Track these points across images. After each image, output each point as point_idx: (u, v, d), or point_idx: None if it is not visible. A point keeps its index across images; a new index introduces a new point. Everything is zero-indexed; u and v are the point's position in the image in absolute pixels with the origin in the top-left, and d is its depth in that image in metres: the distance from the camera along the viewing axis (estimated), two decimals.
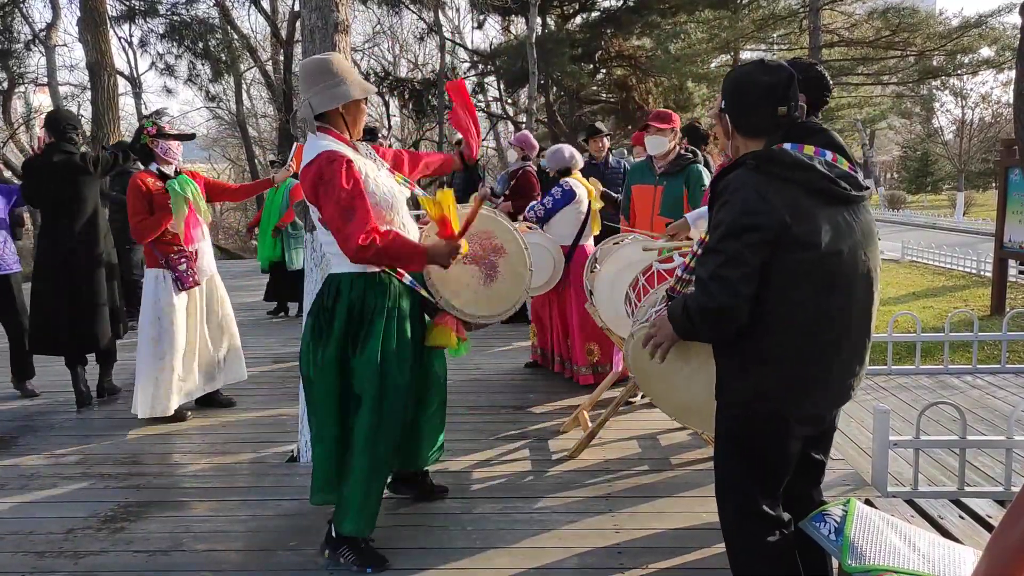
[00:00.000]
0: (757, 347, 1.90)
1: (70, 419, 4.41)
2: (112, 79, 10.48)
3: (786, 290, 1.84)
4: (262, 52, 21.62)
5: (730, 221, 1.84)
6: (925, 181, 40.81)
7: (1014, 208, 7.74)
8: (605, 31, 20.15)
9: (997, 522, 2.26)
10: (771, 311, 1.86)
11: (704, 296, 1.86)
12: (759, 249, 1.81)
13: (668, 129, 4.35)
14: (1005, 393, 4.79)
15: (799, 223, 1.80)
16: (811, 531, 2.01)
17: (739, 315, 1.84)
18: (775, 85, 1.90)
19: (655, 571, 2.66)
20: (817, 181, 1.83)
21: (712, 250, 1.87)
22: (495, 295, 2.99)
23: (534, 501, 3.21)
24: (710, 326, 1.89)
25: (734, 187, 1.86)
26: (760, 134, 1.96)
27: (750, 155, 1.89)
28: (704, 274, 1.87)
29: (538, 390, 4.82)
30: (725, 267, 1.83)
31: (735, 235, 1.82)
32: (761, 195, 1.81)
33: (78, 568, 2.72)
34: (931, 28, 17.90)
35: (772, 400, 1.93)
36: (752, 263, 1.81)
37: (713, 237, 1.89)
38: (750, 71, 1.97)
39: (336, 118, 2.61)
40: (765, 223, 1.80)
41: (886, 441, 3.22)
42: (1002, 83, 30.45)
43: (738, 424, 2.01)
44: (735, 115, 2.00)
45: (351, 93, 2.58)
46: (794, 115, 1.93)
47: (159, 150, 4.18)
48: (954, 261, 12.20)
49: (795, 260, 1.82)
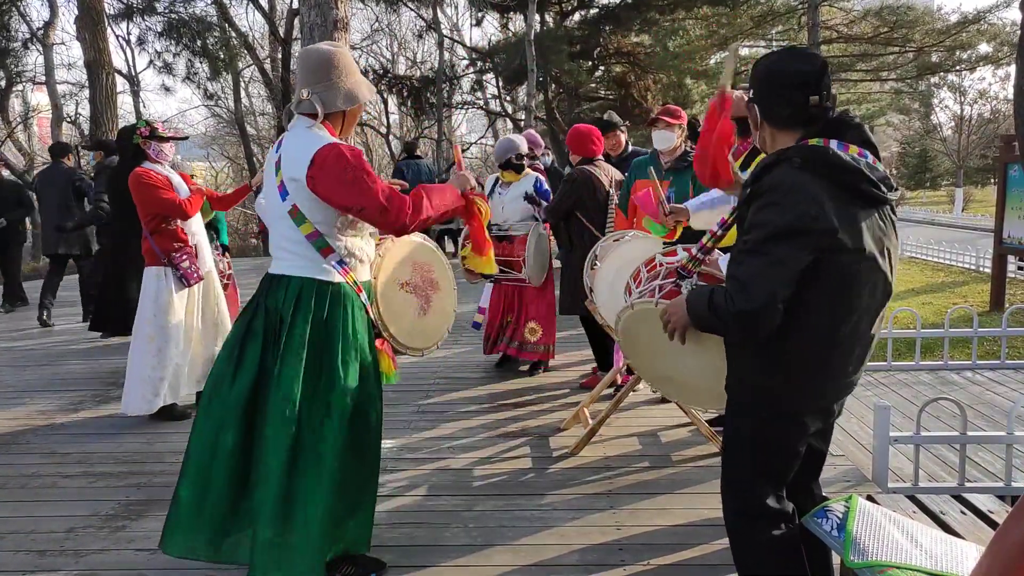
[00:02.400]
0: (779, 348, 1.86)
1: (71, 419, 4.41)
2: (110, 77, 10.49)
3: (824, 293, 1.80)
4: (260, 50, 21.58)
5: (781, 223, 1.75)
6: (924, 177, 40.84)
7: (1013, 204, 7.74)
8: (603, 28, 20.11)
9: (999, 517, 2.27)
10: (804, 313, 1.81)
11: (743, 298, 1.77)
12: (808, 252, 1.75)
13: (676, 125, 4.34)
14: (1005, 389, 4.79)
15: (845, 227, 1.76)
16: (813, 527, 2.01)
17: (775, 319, 1.78)
18: (808, 74, 1.84)
19: (656, 567, 2.66)
20: (862, 184, 1.78)
21: (755, 251, 1.79)
22: (424, 329, 2.93)
23: (535, 498, 3.21)
24: (744, 328, 1.82)
25: (786, 188, 1.77)
26: (791, 125, 1.89)
27: (794, 151, 1.82)
28: (745, 276, 1.79)
29: (538, 388, 4.82)
30: (770, 270, 1.75)
31: (786, 238, 1.75)
32: (814, 198, 1.74)
33: (79, 567, 2.72)
34: (929, 24, 17.89)
35: (790, 399, 1.92)
36: (796, 268, 1.75)
37: (756, 236, 1.79)
38: (781, 58, 1.91)
39: (337, 116, 2.51)
40: (817, 228, 1.73)
41: (887, 437, 3.23)
42: (1000, 79, 30.47)
43: (752, 421, 1.98)
44: (765, 105, 1.92)
45: (364, 95, 2.50)
46: (826, 105, 1.86)
47: (151, 151, 4.18)
48: (953, 257, 12.22)
49: (838, 263, 1.77)
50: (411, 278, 2.88)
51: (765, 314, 1.77)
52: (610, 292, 3.53)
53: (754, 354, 1.93)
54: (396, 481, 3.40)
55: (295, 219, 2.39)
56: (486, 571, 2.65)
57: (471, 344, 6.13)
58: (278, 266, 2.46)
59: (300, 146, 2.36)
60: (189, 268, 4.13)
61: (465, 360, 5.63)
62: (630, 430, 4.00)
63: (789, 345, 1.86)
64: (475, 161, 32.44)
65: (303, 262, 2.42)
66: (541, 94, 20.28)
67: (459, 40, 26.63)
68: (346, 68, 2.47)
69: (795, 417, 1.94)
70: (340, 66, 2.45)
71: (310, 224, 2.38)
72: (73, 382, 5.21)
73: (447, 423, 4.19)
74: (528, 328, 5.02)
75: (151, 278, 4.16)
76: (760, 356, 1.92)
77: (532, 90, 17.26)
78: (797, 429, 1.96)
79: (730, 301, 1.80)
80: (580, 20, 21.27)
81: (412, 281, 2.86)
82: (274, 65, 19.76)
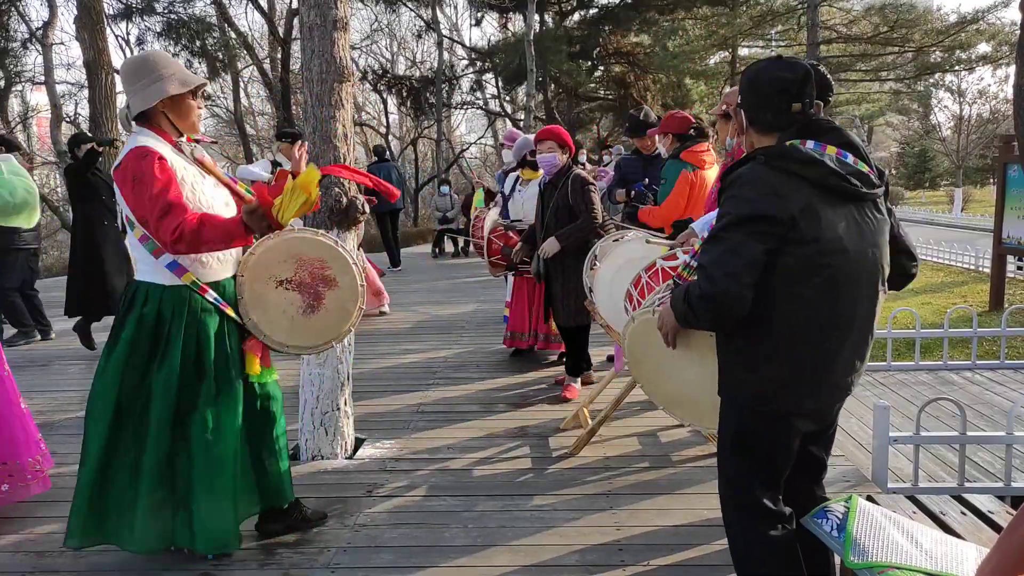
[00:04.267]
0: (762, 344, 1.90)
1: (70, 418, 4.40)
2: (109, 77, 10.46)
3: (792, 287, 1.84)
4: (259, 50, 21.60)
5: (735, 211, 1.84)
6: (923, 177, 40.88)
7: (1012, 204, 7.75)
8: (603, 28, 20.14)
9: (998, 518, 2.27)
10: (777, 308, 1.86)
11: (705, 282, 1.85)
12: (764, 239, 1.81)
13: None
14: (1004, 389, 4.79)
15: (807, 219, 1.81)
16: (813, 527, 2.01)
17: (740, 304, 1.83)
18: (790, 81, 1.90)
19: (656, 568, 2.65)
20: (827, 177, 1.83)
21: (715, 238, 1.87)
22: (312, 327, 2.82)
23: (534, 499, 3.21)
24: (710, 313, 1.88)
25: (744, 180, 1.87)
26: (774, 130, 1.95)
27: (760, 150, 1.90)
28: (706, 261, 1.87)
29: (538, 388, 4.82)
30: (727, 254, 1.83)
31: (740, 224, 1.82)
32: (771, 188, 1.82)
33: (79, 567, 2.71)
34: (928, 24, 17.91)
35: (776, 397, 1.93)
36: (755, 253, 1.81)
37: (717, 226, 1.89)
38: (766, 67, 1.97)
39: (158, 116, 2.51)
40: (772, 214, 1.80)
41: (886, 437, 3.23)
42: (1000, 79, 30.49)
43: (741, 420, 2.01)
44: (750, 110, 2.00)
45: (166, 89, 2.46)
46: (808, 112, 1.92)
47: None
48: (952, 257, 12.22)
49: (801, 256, 1.82)
50: (294, 275, 2.75)
51: (728, 297, 1.82)
52: (610, 291, 3.53)
53: (736, 351, 1.97)
54: (396, 481, 3.40)
55: (129, 224, 2.51)
56: (486, 571, 2.65)
57: (471, 344, 6.13)
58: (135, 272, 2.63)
59: (120, 154, 2.48)
60: None
61: (465, 360, 5.63)
62: (630, 430, 4.00)
63: (766, 342, 1.90)
64: (474, 161, 32.41)
65: (141, 266, 2.56)
66: (540, 94, 20.29)
67: (458, 40, 26.66)
68: (156, 66, 2.49)
69: (782, 415, 1.96)
70: (147, 67, 2.49)
71: (139, 228, 2.47)
72: (72, 382, 5.20)
73: (447, 423, 4.19)
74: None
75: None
76: (741, 353, 1.95)
77: (531, 90, 17.28)
78: (785, 427, 1.97)
79: (696, 287, 1.89)
80: (579, 20, 21.30)
81: (295, 278, 2.75)
82: (273, 65, 19.77)
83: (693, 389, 2.35)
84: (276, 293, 2.71)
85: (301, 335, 2.79)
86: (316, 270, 2.78)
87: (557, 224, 4.45)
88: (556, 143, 4.50)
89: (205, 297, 2.54)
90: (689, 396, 2.39)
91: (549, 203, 4.53)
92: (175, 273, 2.50)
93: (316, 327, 2.81)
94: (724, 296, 1.82)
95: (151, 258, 2.49)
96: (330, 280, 2.81)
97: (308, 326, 2.80)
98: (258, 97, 27.65)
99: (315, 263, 2.78)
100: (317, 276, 2.79)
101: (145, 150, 2.41)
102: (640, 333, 2.43)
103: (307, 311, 2.78)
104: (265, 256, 2.71)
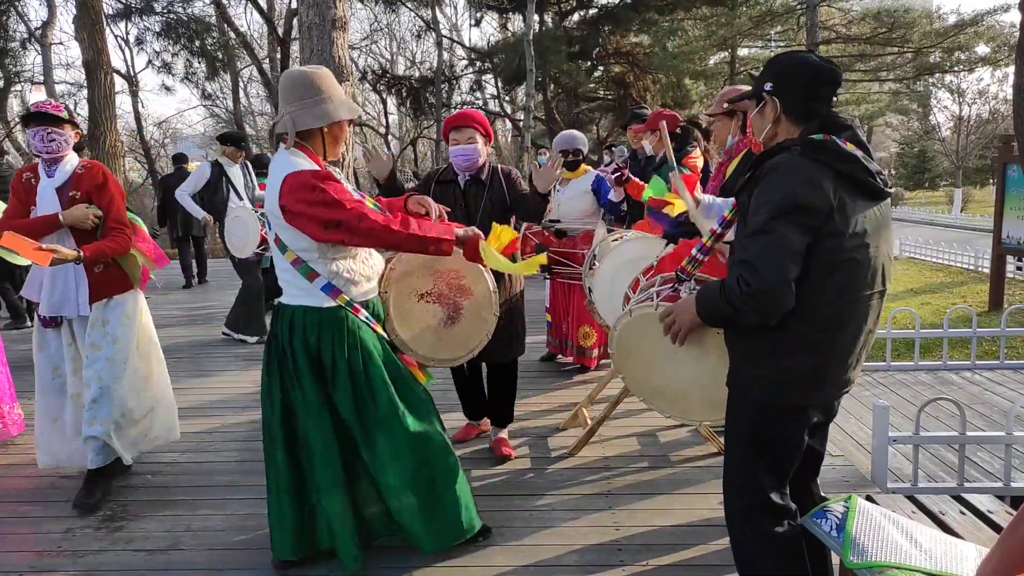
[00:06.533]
0: (785, 337, 1.89)
1: None
2: (108, 77, 10.45)
3: (819, 279, 1.84)
4: (259, 50, 21.59)
5: (778, 201, 1.80)
6: (923, 177, 40.87)
7: (1012, 204, 7.75)
8: (602, 28, 20.13)
9: (998, 518, 2.27)
10: (803, 299, 1.84)
11: (754, 277, 1.80)
12: (806, 230, 1.80)
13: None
14: (1003, 389, 4.79)
15: (841, 212, 1.81)
16: (812, 527, 2.00)
17: (789, 298, 1.81)
18: (832, 71, 1.91)
19: (655, 568, 2.65)
20: (860, 173, 1.84)
21: (760, 231, 1.82)
22: (455, 337, 2.89)
23: (534, 498, 3.21)
24: (758, 309, 1.83)
25: (783, 168, 1.84)
26: (807, 120, 1.94)
27: (794, 141, 1.89)
28: (753, 257, 1.81)
29: (538, 387, 4.82)
30: (773, 248, 1.79)
31: (784, 215, 1.79)
32: (811, 177, 1.81)
33: (77, 567, 2.71)
34: (927, 25, 17.94)
35: (794, 390, 1.93)
36: (799, 244, 1.79)
37: (760, 218, 1.83)
38: (804, 55, 1.97)
39: (315, 137, 2.47)
40: (815, 205, 1.79)
41: (886, 437, 3.23)
42: (999, 79, 30.50)
43: (758, 415, 1.99)
44: (791, 98, 1.95)
45: (337, 113, 2.44)
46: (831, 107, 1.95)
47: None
48: (952, 257, 12.22)
49: (832, 249, 1.82)
50: (433, 287, 2.84)
51: (779, 292, 1.79)
52: (609, 291, 3.53)
53: (757, 344, 1.94)
54: None
55: (279, 247, 2.46)
56: (486, 571, 2.65)
57: None
58: (283, 295, 2.55)
59: (274, 175, 2.41)
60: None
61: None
62: (629, 430, 3.99)
63: (791, 334, 1.88)
64: None
65: (294, 290, 2.50)
66: (540, 94, 20.29)
67: (458, 40, 26.65)
68: (322, 88, 2.44)
69: (797, 408, 1.95)
70: (317, 85, 2.43)
71: (292, 252, 2.44)
72: None
73: (446, 423, 4.16)
74: (581, 332, 4.94)
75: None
76: (763, 345, 1.93)
77: (531, 90, 17.27)
78: (798, 420, 1.96)
79: (743, 283, 1.82)
80: (579, 20, 21.29)
81: (435, 291, 2.82)
82: (273, 65, 19.75)
83: (683, 384, 2.34)
84: (419, 307, 2.79)
85: (446, 347, 2.89)
86: (452, 280, 2.87)
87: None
88: (479, 132, 3.39)
89: (358, 316, 2.52)
90: (676, 390, 2.38)
91: (480, 204, 3.42)
92: (330, 295, 2.46)
93: (459, 337, 2.90)
94: (774, 291, 1.79)
95: (305, 282, 2.44)
96: (466, 290, 2.89)
97: (451, 337, 2.89)
98: (257, 97, 27.69)
99: (451, 274, 2.87)
100: (454, 286, 2.88)
101: (321, 173, 2.36)
102: (636, 327, 2.40)
103: (448, 322, 2.88)
104: (406, 271, 2.79)
